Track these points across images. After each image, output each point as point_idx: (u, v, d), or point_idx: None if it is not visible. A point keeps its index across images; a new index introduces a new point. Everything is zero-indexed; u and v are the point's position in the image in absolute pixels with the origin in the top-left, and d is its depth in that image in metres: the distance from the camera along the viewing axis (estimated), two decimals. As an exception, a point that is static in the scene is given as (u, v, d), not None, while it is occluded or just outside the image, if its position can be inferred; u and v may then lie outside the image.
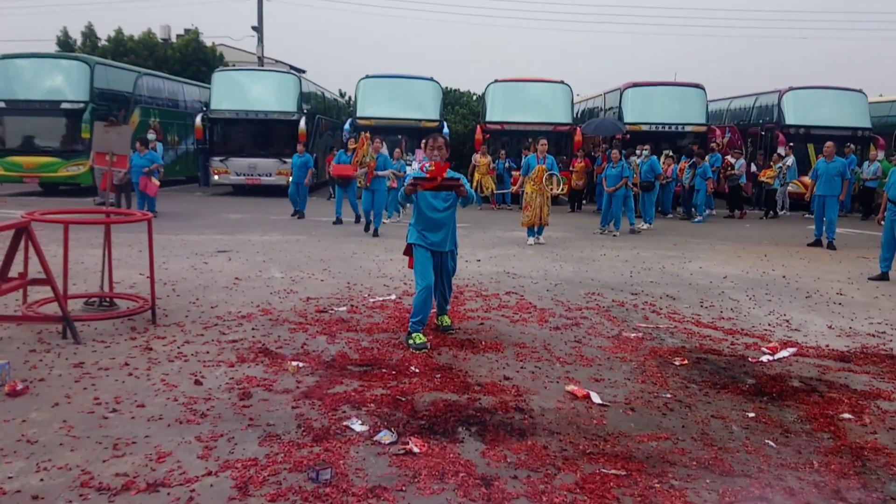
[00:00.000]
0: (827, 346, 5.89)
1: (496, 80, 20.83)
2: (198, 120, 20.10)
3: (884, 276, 8.95)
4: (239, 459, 3.51)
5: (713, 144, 19.05)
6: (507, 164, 19.47)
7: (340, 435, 3.83)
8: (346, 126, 20.25)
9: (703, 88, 20.49)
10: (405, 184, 5.62)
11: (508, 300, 7.42)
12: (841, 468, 3.54)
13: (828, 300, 7.72)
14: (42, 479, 3.24)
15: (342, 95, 34.18)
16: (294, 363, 5.01)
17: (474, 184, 18.08)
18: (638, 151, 17.60)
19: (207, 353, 5.29)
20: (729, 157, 17.77)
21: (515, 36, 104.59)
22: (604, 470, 3.46)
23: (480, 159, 18.69)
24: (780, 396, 4.59)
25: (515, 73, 23.60)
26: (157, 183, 13.42)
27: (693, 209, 16.86)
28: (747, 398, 4.57)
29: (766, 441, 3.88)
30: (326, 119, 25.16)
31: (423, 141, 6.22)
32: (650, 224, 15.00)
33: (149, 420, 3.97)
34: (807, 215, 18.05)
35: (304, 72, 45.78)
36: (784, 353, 5.56)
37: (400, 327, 6.10)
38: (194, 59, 31.91)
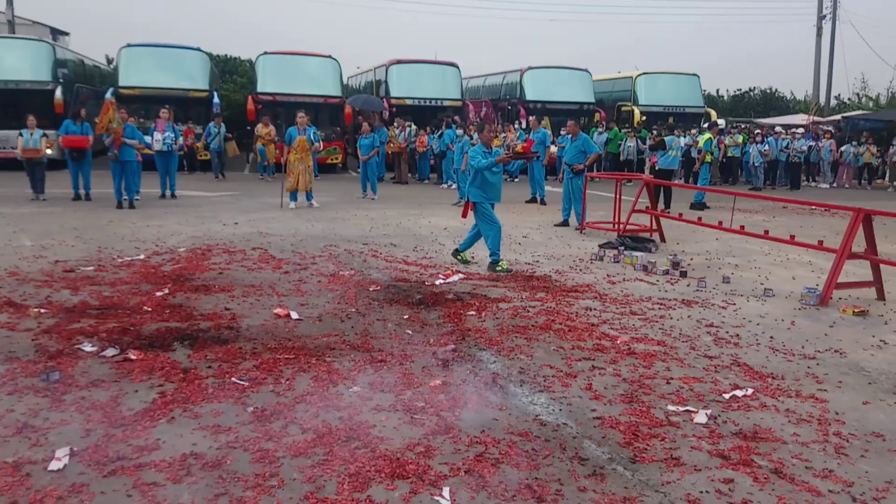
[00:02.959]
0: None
1: (266, 53, 21.38)
2: (-65, 90, 18.46)
3: (565, 223, 11.33)
4: (-21, 375, 4.34)
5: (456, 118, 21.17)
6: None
7: (72, 354, 4.78)
8: (108, 95, 19.72)
9: (457, 67, 22.69)
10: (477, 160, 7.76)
11: (252, 254, 8.51)
12: (446, 341, 5.18)
13: (513, 241, 9.76)
14: None
15: (110, 62, 32.30)
16: (36, 310, 5.76)
17: (253, 153, 18.54)
18: (396, 124, 19.32)
19: (-50, 308, 5.83)
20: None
21: (275, 6, 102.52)
22: (278, 356, 4.79)
23: (263, 130, 19.02)
24: (434, 304, 6.23)
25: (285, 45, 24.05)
26: None
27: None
28: (409, 307, 6.15)
29: (407, 331, 5.45)
30: (88, 88, 24.01)
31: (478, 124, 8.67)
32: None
33: None
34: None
35: (67, 34, 42.18)
36: (454, 278, 7.30)
37: (143, 280, 6.97)
38: (-76, 19, 28.38)
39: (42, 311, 5.75)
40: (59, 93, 19.35)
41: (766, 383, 4.60)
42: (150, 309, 5.92)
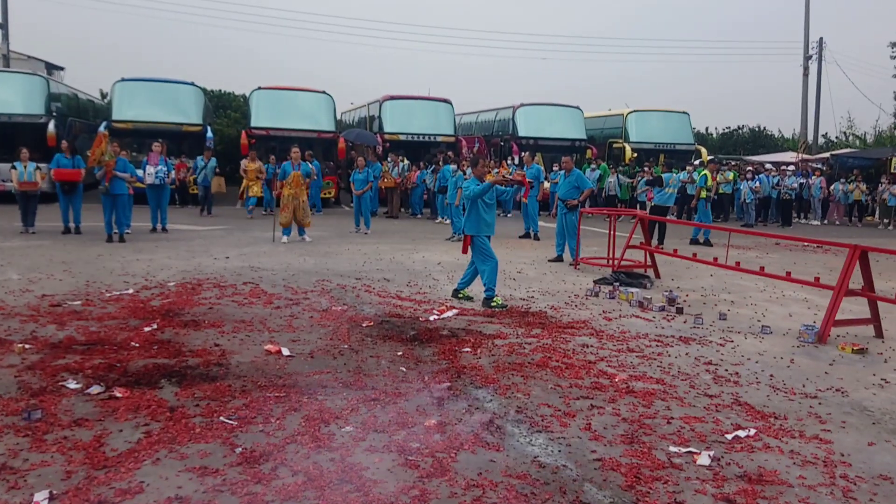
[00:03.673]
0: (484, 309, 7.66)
1: (260, 88, 21.50)
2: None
3: (558, 259, 11.27)
4: (-42, 413, 4.19)
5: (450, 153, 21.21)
6: (276, 170, 20.16)
7: (56, 391, 4.63)
8: (101, 128, 19.72)
9: (450, 103, 22.87)
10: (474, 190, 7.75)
11: (244, 289, 8.39)
12: (441, 378, 5.06)
13: (507, 277, 9.68)
14: None
15: (104, 97, 32.40)
16: (21, 345, 5.61)
17: (241, 190, 18.51)
18: (389, 160, 19.39)
19: (-69, 343, 5.67)
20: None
21: (273, 41, 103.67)
22: (268, 395, 4.65)
23: (249, 165, 18.97)
24: (428, 341, 6.12)
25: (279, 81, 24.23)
26: None
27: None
28: (403, 343, 6.04)
29: (401, 368, 5.33)
30: (81, 122, 24.05)
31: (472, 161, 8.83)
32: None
33: None
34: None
35: (62, 69, 42.45)
36: (449, 314, 7.19)
37: (131, 315, 6.83)
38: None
39: (26, 346, 5.61)
40: (51, 126, 19.33)
41: (769, 423, 4.50)
42: (137, 345, 5.78)
